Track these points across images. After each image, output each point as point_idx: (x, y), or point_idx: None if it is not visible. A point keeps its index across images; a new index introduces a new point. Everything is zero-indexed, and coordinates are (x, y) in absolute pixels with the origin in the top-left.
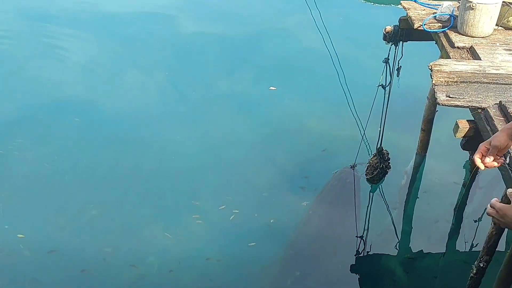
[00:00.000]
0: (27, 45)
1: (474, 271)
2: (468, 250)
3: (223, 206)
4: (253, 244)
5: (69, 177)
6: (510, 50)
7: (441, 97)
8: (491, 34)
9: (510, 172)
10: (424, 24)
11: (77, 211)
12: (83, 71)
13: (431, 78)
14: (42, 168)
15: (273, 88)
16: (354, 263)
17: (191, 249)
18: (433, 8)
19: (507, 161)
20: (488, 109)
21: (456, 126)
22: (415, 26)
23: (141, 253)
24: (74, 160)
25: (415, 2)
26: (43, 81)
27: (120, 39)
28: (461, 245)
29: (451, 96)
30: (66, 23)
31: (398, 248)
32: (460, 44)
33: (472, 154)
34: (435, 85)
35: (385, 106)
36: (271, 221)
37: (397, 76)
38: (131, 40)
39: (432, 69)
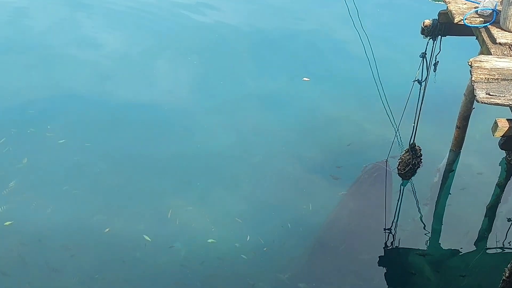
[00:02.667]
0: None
1: (507, 274)
2: (499, 251)
3: (252, 195)
4: (282, 233)
5: (100, 162)
6: None
7: (480, 94)
8: None
9: None
10: (465, 19)
11: (108, 196)
12: (115, 60)
13: (471, 75)
14: (75, 152)
15: (306, 79)
16: (382, 257)
17: (218, 237)
18: (475, 2)
19: None
20: None
21: (495, 125)
22: (456, 20)
23: (169, 239)
24: (106, 145)
25: None
26: (77, 65)
27: (154, 29)
28: (493, 246)
29: (491, 93)
30: (100, 11)
31: (427, 245)
32: (502, 40)
33: (509, 154)
34: (475, 82)
35: (420, 101)
36: (304, 207)
37: (434, 71)
38: (165, 31)
39: (472, 65)
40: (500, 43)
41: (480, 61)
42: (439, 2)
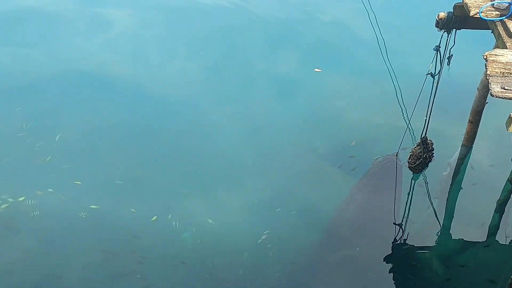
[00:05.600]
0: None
1: None
2: (509, 246)
3: (262, 186)
4: (292, 225)
5: (111, 151)
6: None
7: (495, 88)
8: None
9: None
10: (481, 12)
11: (120, 184)
12: (126, 49)
13: (486, 68)
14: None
15: (318, 70)
16: (391, 250)
17: (227, 226)
18: None
19: None
20: None
21: (510, 120)
22: (471, 13)
23: (178, 228)
24: (114, 135)
25: None
26: (89, 53)
27: (165, 16)
28: (503, 241)
29: (506, 88)
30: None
31: (436, 239)
32: None
33: None
34: (490, 76)
35: (432, 95)
36: (313, 199)
37: (448, 65)
38: (176, 19)
39: (488, 59)
40: None
41: (496, 55)
42: None
